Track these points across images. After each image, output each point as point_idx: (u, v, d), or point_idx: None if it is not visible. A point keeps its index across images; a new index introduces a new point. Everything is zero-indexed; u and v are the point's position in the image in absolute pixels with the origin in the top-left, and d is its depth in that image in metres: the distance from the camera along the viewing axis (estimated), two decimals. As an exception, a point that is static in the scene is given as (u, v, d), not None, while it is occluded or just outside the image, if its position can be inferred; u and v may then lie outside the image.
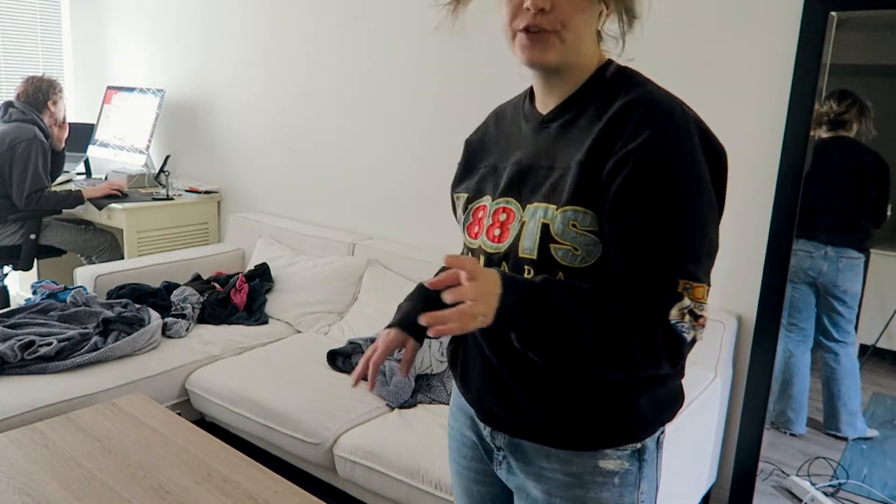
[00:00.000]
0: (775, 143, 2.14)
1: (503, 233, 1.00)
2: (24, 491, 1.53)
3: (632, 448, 1.00)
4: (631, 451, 1.00)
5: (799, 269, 2.71)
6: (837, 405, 2.82)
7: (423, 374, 2.42)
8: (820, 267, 2.67)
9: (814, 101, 2.05)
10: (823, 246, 2.65)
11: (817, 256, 2.41)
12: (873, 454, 2.76)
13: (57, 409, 2.24)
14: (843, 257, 2.73)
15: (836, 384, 2.81)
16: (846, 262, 2.74)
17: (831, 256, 2.69)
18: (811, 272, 2.68)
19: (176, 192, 3.73)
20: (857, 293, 2.76)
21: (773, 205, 2.15)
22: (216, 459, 1.68)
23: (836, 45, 2.06)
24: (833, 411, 2.83)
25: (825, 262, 2.68)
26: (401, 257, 2.94)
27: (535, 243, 0.95)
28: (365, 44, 3.10)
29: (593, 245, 0.93)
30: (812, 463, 2.67)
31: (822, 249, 2.63)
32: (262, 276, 3.15)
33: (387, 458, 2.01)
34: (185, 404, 2.59)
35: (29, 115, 3.32)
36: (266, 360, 2.61)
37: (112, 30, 4.38)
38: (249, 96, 3.65)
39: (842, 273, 2.73)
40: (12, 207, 3.31)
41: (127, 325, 2.63)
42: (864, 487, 2.51)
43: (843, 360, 2.80)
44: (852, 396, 2.83)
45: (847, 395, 2.82)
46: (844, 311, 2.79)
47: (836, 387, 2.82)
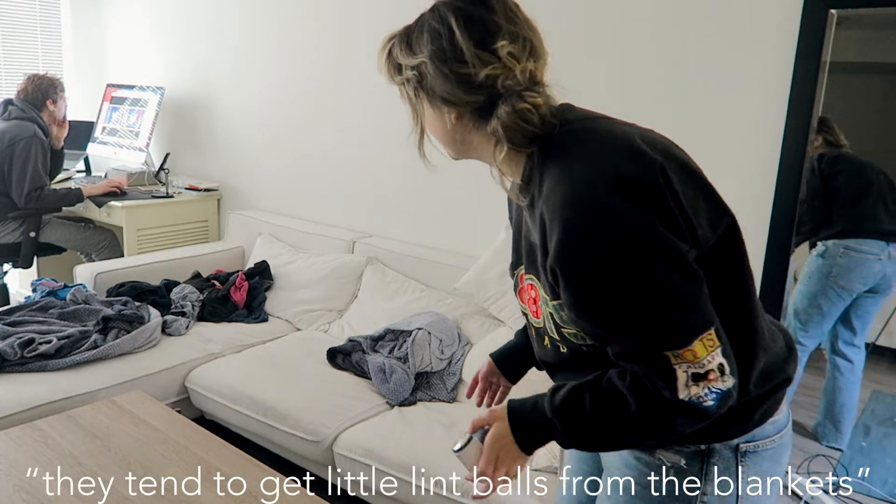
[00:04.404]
0: (775, 142, 2.13)
1: (537, 310, 1.06)
2: (23, 489, 1.53)
3: (694, 448, 0.99)
4: (693, 450, 0.99)
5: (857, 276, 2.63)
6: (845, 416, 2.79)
7: (422, 371, 2.42)
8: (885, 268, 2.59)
9: (814, 99, 2.05)
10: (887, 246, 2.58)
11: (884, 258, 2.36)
12: (873, 452, 2.76)
13: (57, 406, 2.24)
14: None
15: (846, 393, 2.78)
16: None
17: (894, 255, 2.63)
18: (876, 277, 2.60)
19: (176, 190, 3.73)
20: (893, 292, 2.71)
21: (772, 204, 2.15)
22: (216, 457, 1.68)
23: (835, 43, 2.05)
24: (838, 422, 2.80)
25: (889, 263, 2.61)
26: (401, 255, 2.94)
27: (553, 329, 1.02)
28: (365, 43, 3.10)
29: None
30: (812, 461, 2.67)
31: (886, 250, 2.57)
32: (262, 274, 3.15)
33: (387, 455, 2.01)
34: (184, 402, 2.59)
35: (28, 113, 3.32)
36: (266, 357, 2.61)
37: (112, 27, 4.37)
38: (249, 94, 3.64)
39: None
40: (12, 205, 3.31)
41: (127, 322, 2.62)
42: (864, 485, 2.51)
43: (857, 367, 2.77)
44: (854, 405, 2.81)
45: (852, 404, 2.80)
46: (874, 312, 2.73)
47: (847, 396, 2.78)
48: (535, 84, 0.95)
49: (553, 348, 1.05)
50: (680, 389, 0.86)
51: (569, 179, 0.88)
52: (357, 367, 2.49)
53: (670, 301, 0.86)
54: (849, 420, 2.79)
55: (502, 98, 0.94)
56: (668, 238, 0.86)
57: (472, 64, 0.93)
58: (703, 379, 0.86)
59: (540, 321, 1.05)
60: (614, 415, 0.91)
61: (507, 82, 0.93)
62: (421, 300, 2.74)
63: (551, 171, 0.92)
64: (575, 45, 2.49)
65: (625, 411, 0.90)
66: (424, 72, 0.98)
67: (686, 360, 0.85)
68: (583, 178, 0.87)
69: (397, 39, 1.04)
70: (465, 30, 0.94)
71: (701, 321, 0.87)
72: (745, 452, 1.00)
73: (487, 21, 0.94)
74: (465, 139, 1.02)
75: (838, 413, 2.78)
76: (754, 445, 1.00)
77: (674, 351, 0.85)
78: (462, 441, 1.07)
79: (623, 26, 2.38)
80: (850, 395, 2.78)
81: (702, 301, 0.88)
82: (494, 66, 0.93)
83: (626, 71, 2.40)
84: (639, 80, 2.38)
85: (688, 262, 0.88)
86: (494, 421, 1.03)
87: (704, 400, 0.86)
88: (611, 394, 0.92)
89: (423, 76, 0.98)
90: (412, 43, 1.01)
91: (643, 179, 0.87)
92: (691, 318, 0.86)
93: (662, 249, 0.86)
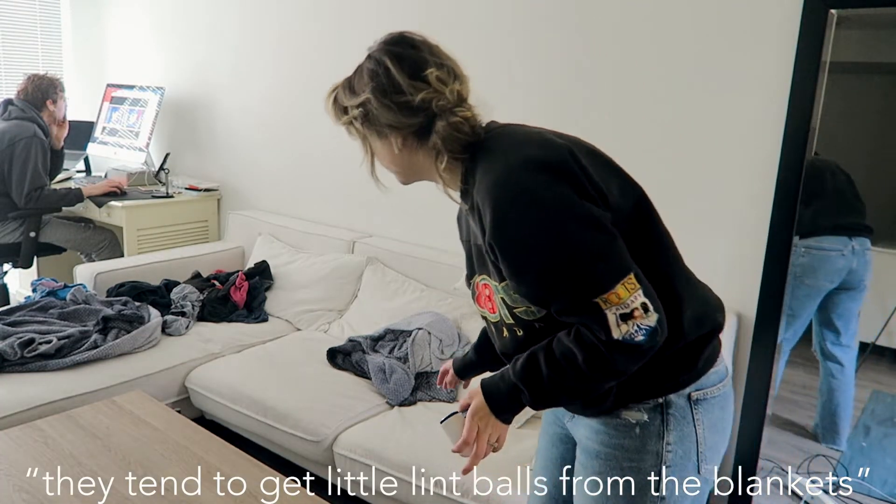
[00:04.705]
0: (775, 141, 2.13)
1: (493, 305, 1.21)
2: (23, 489, 1.53)
3: (653, 402, 1.13)
4: (653, 405, 1.13)
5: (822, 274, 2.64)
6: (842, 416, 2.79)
7: (422, 371, 2.42)
8: (850, 263, 2.61)
9: (814, 99, 2.05)
10: (849, 241, 2.59)
11: (847, 253, 2.37)
12: (873, 452, 2.76)
13: (57, 406, 2.24)
14: (866, 248, 2.67)
15: (840, 394, 2.79)
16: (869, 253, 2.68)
17: (857, 250, 2.64)
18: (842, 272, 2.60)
19: (176, 190, 3.73)
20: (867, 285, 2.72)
21: (773, 202, 2.15)
22: (216, 457, 1.68)
23: (835, 43, 2.05)
24: (834, 423, 2.80)
25: (854, 257, 2.62)
26: (400, 255, 2.94)
27: (506, 313, 1.17)
28: (365, 43, 3.09)
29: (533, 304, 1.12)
30: (812, 461, 2.67)
31: (849, 245, 2.58)
32: (262, 274, 3.15)
33: (387, 455, 2.01)
34: (184, 402, 2.59)
35: (28, 113, 3.32)
36: (266, 357, 2.61)
37: (112, 27, 4.37)
38: (249, 94, 3.64)
39: (868, 265, 2.67)
40: (12, 205, 3.31)
41: (127, 322, 2.62)
42: (864, 485, 2.51)
43: (848, 366, 2.77)
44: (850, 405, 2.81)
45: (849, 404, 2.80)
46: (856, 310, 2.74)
47: (841, 397, 2.79)
48: (462, 102, 1.15)
49: (511, 336, 1.19)
50: (613, 329, 1.01)
51: (492, 169, 1.07)
52: (357, 367, 2.49)
53: (588, 254, 1.02)
54: (846, 420, 2.79)
55: (438, 116, 1.12)
56: (581, 204, 1.03)
57: (408, 92, 1.12)
58: (630, 318, 1.01)
59: (496, 315, 1.21)
60: (566, 367, 1.07)
61: (440, 103, 1.12)
62: (421, 300, 2.74)
63: (480, 167, 1.10)
64: (575, 44, 2.49)
65: (574, 361, 1.06)
66: (369, 107, 1.15)
67: (613, 304, 1.01)
68: (503, 166, 1.06)
69: (340, 88, 1.24)
70: (398, 65, 1.13)
71: (619, 268, 1.02)
72: (696, 400, 1.15)
73: (415, 56, 1.14)
74: (411, 160, 1.19)
75: (835, 414, 2.79)
76: (703, 393, 1.15)
77: (601, 296, 1.01)
78: (447, 415, 1.25)
79: (623, 26, 2.38)
80: (844, 396, 2.78)
81: (616, 252, 1.03)
82: (427, 91, 1.12)
83: (627, 71, 2.40)
84: (639, 80, 2.38)
85: (600, 222, 1.04)
86: (473, 398, 1.19)
87: (635, 335, 1.02)
88: (560, 349, 1.07)
89: (369, 111, 1.16)
90: (354, 87, 1.20)
91: (553, 159, 1.05)
92: (610, 265, 1.02)
93: (576, 213, 1.02)
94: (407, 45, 1.16)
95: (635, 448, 1.14)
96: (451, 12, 2.79)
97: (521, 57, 2.63)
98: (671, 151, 2.34)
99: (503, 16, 2.64)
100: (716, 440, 1.18)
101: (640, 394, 1.13)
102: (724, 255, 2.29)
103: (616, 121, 2.45)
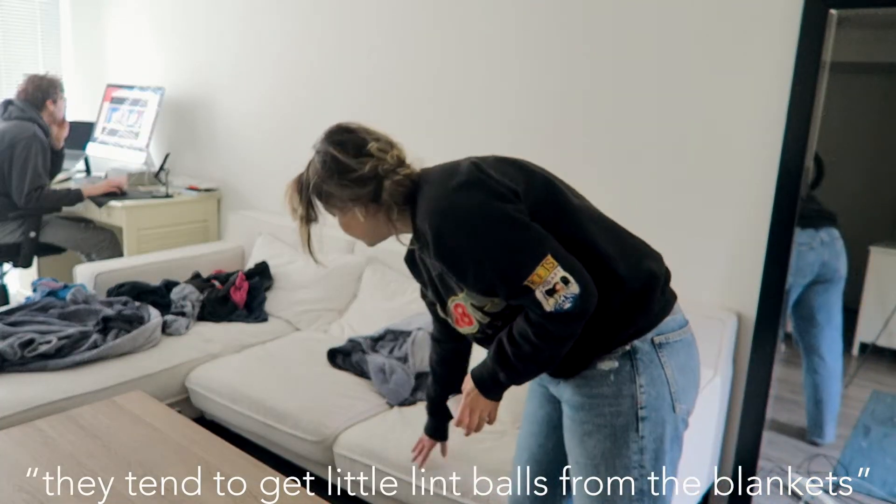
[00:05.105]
0: (775, 141, 2.14)
1: (469, 319, 1.40)
2: (23, 489, 1.53)
3: (621, 350, 1.30)
4: (621, 352, 1.30)
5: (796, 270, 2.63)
6: (826, 411, 2.79)
7: (422, 371, 2.42)
8: (821, 255, 2.60)
9: (814, 99, 2.05)
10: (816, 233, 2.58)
11: (816, 245, 2.37)
12: (873, 452, 2.76)
13: (57, 406, 2.24)
14: (835, 238, 2.65)
15: (824, 389, 2.78)
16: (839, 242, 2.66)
17: (826, 241, 2.62)
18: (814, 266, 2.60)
19: (176, 190, 3.73)
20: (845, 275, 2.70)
21: (773, 202, 2.15)
22: (216, 457, 1.68)
23: (835, 43, 2.05)
24: (819, 418, 2.80)
25: (823, 249, 2.61)
26: (400, 255, 2.94)
27: (480, 316, 1.37)
28: (365, 42, 3.10)
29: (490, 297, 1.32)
30: (812, 461, 2.67)
31: (817, 237, 2.57)
32: (262, 274, 3.15)
33: (387, 455, 2.01)
34: (184, 402, 2.60)
35: (28, 114, 3.32)
36: (266, 357, 2.61)
37: (112, 27, 4.37)
38: (249, 94, 3.65)
39: (839, 255, 2.66)
40: (12, 205, 3.31)
41: (127, 322, 2.63)
42: (864, 485, 2.52)
43: (831, 361, 2.77)
44: (836, 400, 2.80)
45: (834, 398, 2.79)
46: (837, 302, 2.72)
47: (824, 392, 2.78)
48: (402, 163, 1.39)
49: (495, 334, 1.38)
50: (543, 304, 1.21)
51: (427, 206, 1.30)
52: (357, 367, 2.49)
53: (506, 249, 1.22)
54: (832, 415, 2.79)
55: (385, 178, 1.35)
56: (495, 206, 1.24)
57: (356, 168, 1.35)
58: (554, 292, 1.21)
59: (474, 325, 1.39)
60: (522, 342, 1.28)
61: (385, 167, 1.35)
62: (421, 300, 2.74)
63: (418, 208, 1.33)
64: (575, 44, 2.50)
65: (527, 337, 1.27)
66: (332, 191, 1.37)
67: (537, 283, 1.21)
68: (431, 198, 1.30)
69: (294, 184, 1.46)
70: (343, 151, 1.36)
71: (534, 254, 1.22)
72: (660, 344, 1.31)
73: (354, 139, 1.37)
74: (374, 224, 1.41)
75: (820, 408, 2.79)
76: (665, 338, 1.32)
77: (527, 280, 1.21)
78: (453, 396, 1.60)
79: (623, 26, 2.38)
80: (828, 392, 2.77)
81: (531, 240, 1.23)
82: (373, 161, 1.35)
83: (627, 71, 2.40)
84: (639, 80, 2.38)
85: (514, 217, 1.24)
86: (467, 385, 1.45)
87: (563, 304, 1.21)
88: (517, 329, 1.29)
89: (333, 194, 1.38)
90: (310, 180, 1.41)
91: (465, 178, 1.28)
92: (525, 254, 1.22)
93: (492, 217, 1.24)
94: (344, 132, 1.39)
95: (613, 394, 1.30)
96: (451, 12, 2.79)
97: (522, 55, 2.63)
98: (671, 151, 2.34)
99: (504, 6, 2.64)
100: (685, 382, 1.34)
101: (608, 345, 1.30)
102: (724, 255, 2.29)
103: (616, 120, 2.45)
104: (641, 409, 1.29)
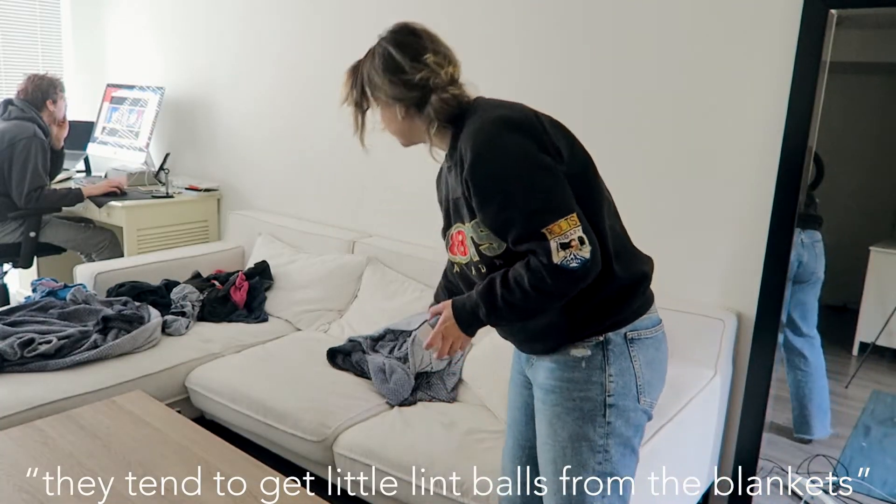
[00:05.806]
0: (775, 141, 2.13)
1: (464, 248, 1.44)
2: (23, 489, 1.53)
3: (595, 340, 1.36)
4: (595, 342, 1.36)
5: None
6: (810, 407, 2.79)
7: (422, 371, 2.42)
8: (800, 255, 2.61)
9: (814, 99, 2.05)
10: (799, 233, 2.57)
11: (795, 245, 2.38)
12: (873, 452, 2.76)
13: (56, 406, 2.24)
14: (815, 241, 2.66)
15: (807, 386, 2.78)
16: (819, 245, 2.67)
17: (806, 243, 2.63)
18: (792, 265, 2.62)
19: (176, 190, 3.73)
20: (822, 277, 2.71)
21: (773, 201, 2.15)
22: (216, 457, 1.68)
23: (835, 43, 2.05)
24: (804, 414, 2.80)
25: (804, 250, 2.62)
26: (400, 255, 2.94)
27: (474, 251, 1.40)
28: (365, 42, 3.09)
29: (495, 238, 1.34)
30: (812, 461, 2.67)
31: (798, 237, 2.57)
32: (262, 274, 3.15)
33: (387, 455, 2.01)
34: (184, 402, 2.59)
35: (28, 113, 3.32)
36: (266, 357, 2.61)
37: (112, 27, 4.37)
38: (249, 94, 3.65)
39: (818, 258, 2.67)
40: (12, 205, 3.31)
41: (127, 322, 2.62)
42: (864, 485, 2.52)
43: (812, 358, 2.77)
44: (823, 395, 2.80)
45: (820, 394, 2.79)
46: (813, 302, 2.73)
47: (808, 388, 2.78)
48: (454, 82, 1.41)
49: (477, 275, 1.42)
50: (553, 255, 1.24)
51: (475, 128, 1.32)
52: (357, 367, 2.49)
53: (539, 191, 1.26)
54: (817, 412, 2.79)
55: (433, 92, 1.38)
56: (540, 155, 1.28)
57: (409, 72, 1.37)
58: (568, 247, 1.24)
59: (466, 257, 1.43)
60: (515, 287, 1.29)
61: (435, 81, 1.38)
62: (421, 300, 2.74)
63: (465, 129, 1.35)
64: (575, 44, 2.49)
65: (521, 283, 1.28)
66: (380, 83, 1.40)
67: (555, 234, 1.24)
68: (483, 124, 1.32)
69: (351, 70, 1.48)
70: (401, 51, 1.39)
71: (563, 206, 1.26)
72: (632, 339, 1.37)
73: (415, 44, 1.40)
74: (411, 126, 1.44)
75: (805, 405, 2.79)
76: (637, 334, 1.38)
77: (546, 227, 1.24)
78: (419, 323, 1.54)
79: (623, 27, 2.38)
80: (811, 388, 2.78)
81: (565, 194, 1.27)
82: (425, 71, 1.37)
83: (627, 71, 2.40)
84: (639, 80, 2.38)
85: (552, 170, 1.28)
86: (444, 310, 1.44)
87: (570, 262, 1.24)
88: (513, 273, 1.31)
89: (379, 87, 1.41)
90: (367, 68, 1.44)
91: (521, 120, 1.32)
92: (555, 202, 1.26)
93: (533, 159, 1.28)
94: (409, 34, 1.42)
95: (583, 380, 1.36)
96: (451, 12, 2.79)
97: (522, 55, 2.63)
98: (671, 151, 2.34)
99: (503, 6, 2.64)
100: (652, 376, 1.40)
101: (584, 333, 1.36)
102: (724, 254, 2.29)
103: (616, 121, 2.45)
104: (609, 397, 1.35)
